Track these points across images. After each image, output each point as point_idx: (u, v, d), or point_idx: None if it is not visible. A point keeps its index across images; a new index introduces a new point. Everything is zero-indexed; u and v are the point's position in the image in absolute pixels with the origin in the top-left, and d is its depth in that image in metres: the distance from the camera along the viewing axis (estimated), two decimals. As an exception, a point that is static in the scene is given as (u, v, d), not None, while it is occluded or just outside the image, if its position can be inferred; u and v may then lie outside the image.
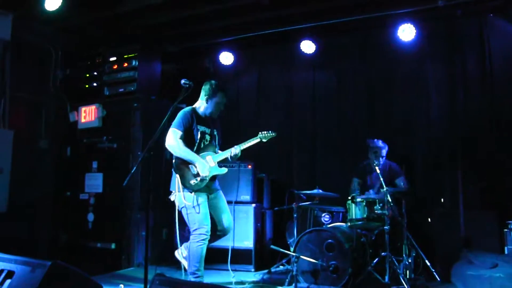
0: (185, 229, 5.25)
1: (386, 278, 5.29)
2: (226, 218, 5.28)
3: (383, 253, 5.47)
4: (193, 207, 4.92)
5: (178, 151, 4.96)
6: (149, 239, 5.03)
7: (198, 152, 5.09)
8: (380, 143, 6.56)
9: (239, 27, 7.40)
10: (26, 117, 7.24)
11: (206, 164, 5.04)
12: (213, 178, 5.22)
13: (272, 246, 5.64)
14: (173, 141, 4.97)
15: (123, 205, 7.02)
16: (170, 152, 5.10)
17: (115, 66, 7.36)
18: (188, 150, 5.02)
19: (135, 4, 6.63)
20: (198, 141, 5.13)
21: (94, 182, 7.27)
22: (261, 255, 6.86)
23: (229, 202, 6.69)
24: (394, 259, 5.46)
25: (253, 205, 6.83)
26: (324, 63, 7.75)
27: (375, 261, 5.53)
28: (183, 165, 5.03)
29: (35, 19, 6.92)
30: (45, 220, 7.32)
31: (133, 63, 7.22)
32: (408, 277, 5.46)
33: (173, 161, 5.06)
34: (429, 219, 6.46)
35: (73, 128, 7.52)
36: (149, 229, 4.81)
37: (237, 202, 6.84)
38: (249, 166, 6.98)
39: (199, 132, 5.13)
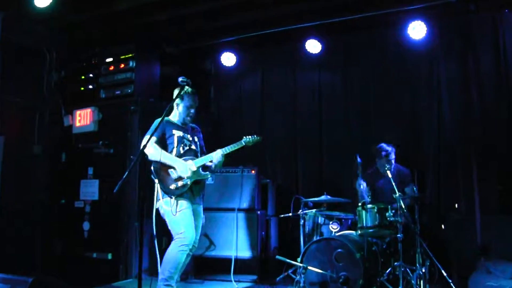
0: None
1: (400, 288, 5.10)
2: (197, 238, 5.03)
3: (396, 263, 5.26)
4: (175, 213, 4.75)
5: (157, 156, 4.82)
6: (147, 249, 4.88)
7: (178, 157, 4.97)
8: (386, 146, 6.37)
9: (241, 26, 7.24)
10: (18, 122, 7.02)
11: (187, 165, 4.89)
12: (198, 188, 5.06)
13: (278, 257, 5.43)
14: (151, 148, 4.84)
15: (120, 213, 6.81)
16: None
17: (112, 68, 7.17)
18: (166, 153, 4.92)
19: (132, 2, 6.48)
20: (175, 145, 5.00)
21: (90, 189, 7.07)
22: (266, 265, 6.66)
23: (231, 209, 6.65)
24: (407, 269, 5.25)
25: (257, 212, 6.63)
26: (330, 63, 7.59)
27: (387, 271, 5.32)
28: (162, 170, 4.89)
29: (26, 18, 6.73)
30: (39, 229, 7.10)
31: (130, 64, 7.03)
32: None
33: (152, 167, 4.89)
34: (443, 226, 6.25)
35: (68, 133, 7.32)
36: (143, 239, 4.59)
37: (240, 210, 6.65)
38: (253, 172, 6.79)
39: (175, 137, 5.02)
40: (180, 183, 4.85)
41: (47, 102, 7.32)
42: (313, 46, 7.26)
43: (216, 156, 4.99)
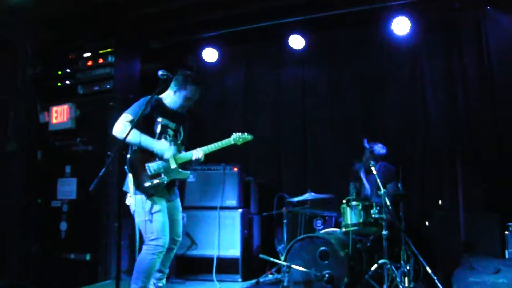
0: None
1: (385, 287, 5.13)
2: (179, 232, 4.92)
3: (380, 261, 5.29)
4: (149, 215, 4.45)
5: (126, 136, 4.21)
6: (127, 249, 4.77)
7: None
8: (378, 148, 6.41)
9: (224, 21, 7.20)
10: (-9, 118, 6.92)
11: (167, 143, 4.59)
12: (172, 183, 4.79)
13: (261, 255, 5.43)
14: (120, 125, 4.47)
15: (99, 212, 6.73)
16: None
17: (90, 63, 7.08)
18: (140, 134, 4.50)
19: (111, -4, 6.41)
20: (158, 134, 4.65)
21: (67, 188, 6.98)
22: (249, 264, 6.66)
23: (213, 208, 6.63)
24: (392, 266, 5.29)
25: (240, 210, 6.63)
26: (314, 59, 7.60)
27: (372, 269, 5.34)
28: (138, 163, 4.53)
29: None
30: (14, 230, 7.00)
31: (109, 59, 6.95)
32: (407, 285, 5.31)
33: (127, 157, 4.53)
34: (428, 223, 6.32)
35: (44, 130, 7.21)
36: (120, 239, 4.43)
37: (222, 208, 6.65)
38: (235, 169, 6.78)
39: (159, 125, 4.67)
40: (155, 181, 4.50)
41: (22, 98, 7.19)
42: (296, 42, 7.25)
43: (196, 155, 4.71)
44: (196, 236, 6.63)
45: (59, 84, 7.32)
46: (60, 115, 7.03)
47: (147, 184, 4.46)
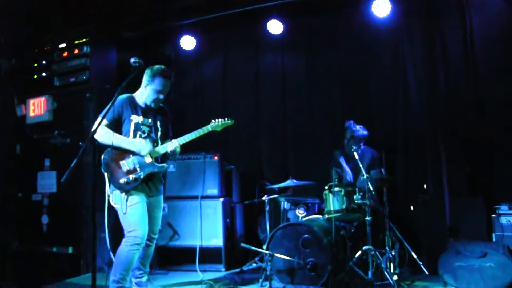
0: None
1: (369, 273, 4.83)
2: (155, 230, 4.84)
3: (364, 247, 4.95)
4: (126, 209, 4.39)
5: (108, 140, 4.40)
6: (111, 241, 4.49)
7: None
8: (359, 129, 6.02)
9: (201, 8, 6.76)
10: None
11: (143, 141, 4.53)
12: (152, 178, 4.67)
13: (242, 244, 5.07)
14: (100, 131, 4.38)
15: (79, 205, 6.34)
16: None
17: (65, 54, 6.65)
18: (119, 136, 4.50)
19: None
20: (131, 133, 4.57)
21: (47, 182, 6.60)
22: (232, 253, 6.31)
23: (194, 197, 6.26)
24: (377, 252, 4.95)
25: (221, 199, 6.26)
26: (293, 44, 7.16)
27: (356, 256, 5.00)
28: (112, 162, 4.49)
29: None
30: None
31: (85, 49, 6.52)
32: (392, 271, 4.99)
33: (102, 157, 4.49)
34: (412, 208, 5.98)
35: (22, 123, 6.81)
36: (98, 231, 4.24)
37: (203, 197, 6.29)
38: (216, 157, 6.40)
39: (132, 123, 4.59)
40: (131, 177, 4.47)
41: (-3, 91, 6.78)
42: (275, 27, 6.81)
43: (170, 147, 4.60)
44: (178, 227, 6.27)
45: (35, 76, 6.89)
46: (37, 107, 6.63)
47: (122, 180, 4.44)
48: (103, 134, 4.41)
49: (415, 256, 5.30)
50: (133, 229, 4.37)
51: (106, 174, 4.47)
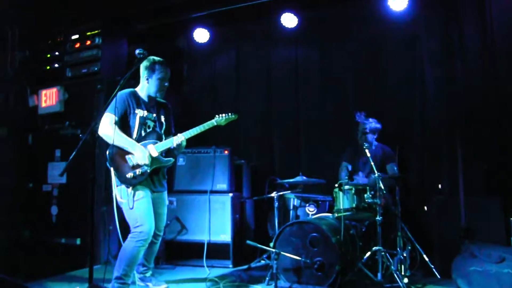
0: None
1: (379, 275, 4.52)
2: (161, 226, 4.64)
3: (374, 247, 4.63)
4: (133, 203, 4.20)
5: (113, 138, 4.20)
6: (119, 235, 4.29)
7: (138, 141, 4.34)
8: (372, 122, 5.70)
9: (214, 0, 6.47)
10: (-20, 102, 6.34)
11: (146, 152, 4.28)
12: (157, 173, 4.49)
13: (248, 242, 4.77)
14: (107, 127, 4.23)
15: (88, 197, 6.10)
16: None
17: (78, 45, 6.47)
18: (124, 136, 4.30)
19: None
20: (137, 127, 4.39)
21: (58, 172, 6.32)
22: (241, 250, 6.02)
23: (203, 192, 5.99)
24: (387, 253, 4.63)
25: (230, 194, 5.96)
26: (307, 38, 6.83)
27: (366, 256, 4.69)
28: (118, 157, 4.29)
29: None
30: (5, 215, 6.41)
31: (96, 40, 6.33)
32: (403, 273, 4.65)
33: (107, 152, 4.29)
34: (426, 208, 5.61)
35: (34, 114, 6.63)
36: (98, 225, 4.04)
37: (212, 192, 6.01)
38: (226, 152, 6.13)
39: (137, 117, 4.39)
40: (138, 171, 4.26)
41: (12, 82, 6.60)
42: (289, 20, 6.52)
43: (176, 141, 4.39)
44: (186, 221, 6.01)
45: (48, 67, 6.71)
46: (49, 98, 6.45)
47: (129, 175, 4.26)
48: (108, 132, 4.22)
49: (426, 258, 4.94)
50: (140, 224, 4.17)
51: (112, 169, 4.29)
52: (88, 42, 6.37)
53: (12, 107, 6.59)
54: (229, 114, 4.57)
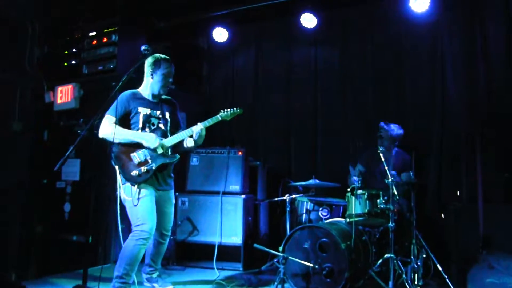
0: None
1: (390, 284, 4.35)
2: (167, 226, 4.58)
3: (386, 255, 4.48)
4: (138, 200, 4.15)
5: (116, 136, 4.16)
6: (120, 234, 4.27)
7: None
8: (394, 128, 5.56)
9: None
10: (-2, 97, 6.37)
11: (154, 136, 4.27)
12: (163, 170, 4.39)
13: (255, 245, 4.69)
14: (106, 127, 4.21)
15: (101, 195, 6.05)
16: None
17: (95, 42, 6.43)
18: (126, 130, 4.28)
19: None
20: (141, 125, 4.33)
21: (72, 169, 6.39)
22: (253, 253, 5.85)
23: (216, 193, 5.91)
24: (399, 261, 4.47)
25: (243, 196, 5.86)
26: (327, 39, 6.73)
27: (377, 264, 4.54)
28: (123, 155, 4.26)
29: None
30: (19, 210, 6.41)
31: (113, 37, 6.26)
32: (416, 282, 4.49)
33: (112, 151, 4.27)
34: (443, 215, 5.42)
35: (50, 110, 6.63)
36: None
37: (225, 193, 5.90)
38: (240, 153, 6.03)
39: (141, 115, 4.34)
40: (143, 169, 4.22)
41: (29, 78, 6.59)
42: (308, 20, 6.41)
43: (196, 130, 4.32)
44: (197, 222, 5.92)
45: (65, 64, 6.71)
46: (64, 95, 6.43)
47: (134, 172, 4.22)
48: (108, 132, 4.19)
49: (440, 267, 4.76)
50: (141, 223, 4.12)
51: (116, 167, 4.25)
52: (105, 39, 6.33)
53: (28, 102, 6.59)
54: (235, 109, 4.49)
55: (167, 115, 4.52)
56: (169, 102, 4.61)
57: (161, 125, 4.43)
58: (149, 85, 4.45)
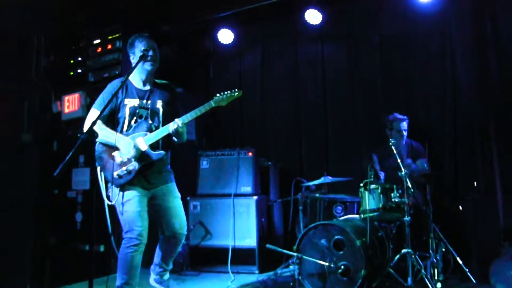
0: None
1: (409, 280, 4.19)
2: (178, 221, 4.08)
3: (403, 250, 4.33)
4: (122, 206, 3.85)
5: (99, 136, 3.90)
6: (113, 244, 4.05)
7: (127, 132, 3.95)
8: (397, 115, 5.42)
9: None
10: (6, 109, 6.35)
11: (131, 142, 3.84)
12: (151, 167, 3.96)
13: (268, 245, 4.56)
14: (87, 123, 3.92)
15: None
16: None
17: (99, 49, 6.38)
18: (106, 130, 3.92)
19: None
20: (127, 119, 3.96)
21: (82, 178, 6.32)
22: (268, 255, 5.70)
23: (227, 195, 5.79)
24: (417, 256, 4.32)
25: (255, 197, 5.73)
26: (333, 34, 6.58)
27: (394, 260, 4.39)
28: (105, 154, 3.94)
29: (12, 2, 6.04)
30: (31, 221, 6.39)
31: (117, 44, 6.22)
32: (436, 277, 4.33)
33: (95, 151, 4.00)
34: (461, 207, 5.24)
35: (58, 120, 6.60)
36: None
37: (236, 195, 5.78)
38: (250, 154, 5.92)
39: (127, 108, 3.95)
40: (125, 169, 3.85)
41: (36, 88, 6.60)
42: (313, 16, 6.25)
43: (173, 126, 3.83)
44: (210, 226, 5.80)
45: (71, 73, 6.67)
46: (72, 104, 6.40)
47: (117, 173, 3.85)
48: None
49: (460, 261, 4.58)
50: (128, 229, 3.82)
51: (98, 168, 3.92)
52: (109, 46, 6.28)
53: (37, 113, 6.59)
54: (232, 91, 4.07)
55: (159, 103, 4.06)
56: (165, 88, 4.16)
57: (149, 117, 4.00)
58: (136, 72, 4.04)
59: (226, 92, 4.03)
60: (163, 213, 4.05)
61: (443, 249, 4.64)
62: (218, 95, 4.02)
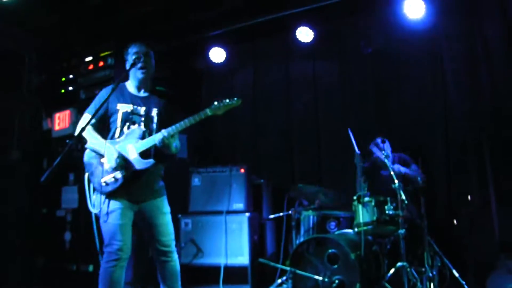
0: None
1: (405, 294, 4.08)
2: (165, 241, 3.82)
3: (398, 264, 4.24)
4: (107, 216, 3.62)
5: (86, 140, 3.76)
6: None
7: (119, 138, 3.77)
8: (379, 141, 5.36)
9: (228, 18, 6.30)
10: (-4, 126, 6.26)
11: (115, 153, 3.62)
12: (138, 179, 3.72)
13: (260, 259, 4.47)
14: (78, 127, 3.67)
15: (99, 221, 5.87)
16: None
17: (91, 67, 6.32)
18: (94, 136, 3.75)
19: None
20: (119, 125, 3.78)
21: (71, 197, 6.17)
22: (261, 273, 5.64)
23: (219, 212, 5.70)
24: (413, 270, 4.23)
25: (247, 214, 5.64)
26: (325, 52, 6.58)
27: (389, 274, 4.29)
28: (93, 160, 3.75)
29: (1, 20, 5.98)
30: (19, 240, 6.22)
31: (109, 61, 6.15)
32: (432, 292, 4.24)
33: (84, 157, 3.83)
34: (455, 221, 5.18)
35: (48, 137, 6.48)
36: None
37: (228, 212, 5.68)
38: (242, 170, 5.85)
39: (120, 114, 3.78)
40: (112, 176, 3.65)
41: (27, 106, 6.51)
42: (305, 34, 6.28)
43: (157, 139, 3.63)
44: (202, 243, 5.69)
45: (63, 90, 6.58)
46: (62, 121, 6.31)
47: (104, 180, 3.65)
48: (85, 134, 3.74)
49: (456, 274, 4.50)
50: (107, 243, 3.61)
51: (86, 175, 3.76)
52: (101, 63, 6.21)
53: (27, 131, 6.48)
54: (230, 99, 3.81)
55: (154, 111, 3.88)
56: (162, 96, 4.01)
57: (142, 124, 3.82)
58: (131, 78, 3.94)
59: (224, 100, 3.79)
60: (149, 231, 3.82)
61: (439, 264, 4.56)
62: (215, 103, 3.77)
